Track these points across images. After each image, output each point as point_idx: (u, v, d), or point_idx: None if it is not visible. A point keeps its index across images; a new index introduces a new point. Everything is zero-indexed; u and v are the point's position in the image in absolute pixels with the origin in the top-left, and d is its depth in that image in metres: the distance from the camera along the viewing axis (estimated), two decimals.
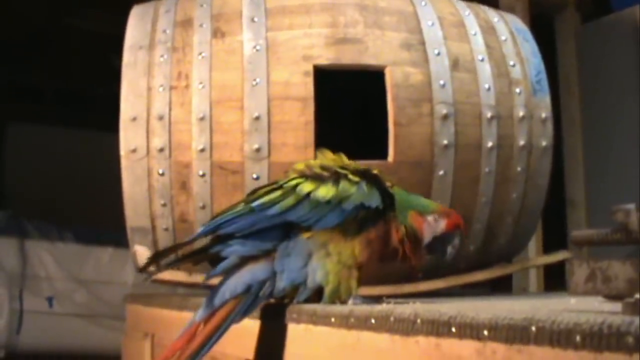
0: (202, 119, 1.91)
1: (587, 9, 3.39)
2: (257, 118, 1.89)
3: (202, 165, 1.91)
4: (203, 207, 1.94)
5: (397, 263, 1.46)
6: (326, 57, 1.94)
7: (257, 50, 1.93)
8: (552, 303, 1.28)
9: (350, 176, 1.40)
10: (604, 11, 3.28)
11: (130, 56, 2.00)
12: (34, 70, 5.58)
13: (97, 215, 4.14)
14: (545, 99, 2.12)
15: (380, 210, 1.40)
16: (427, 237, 1.43)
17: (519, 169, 2.07)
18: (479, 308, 1.02)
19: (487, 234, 2.11)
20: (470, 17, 2.14)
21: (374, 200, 1.41)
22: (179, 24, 2.02)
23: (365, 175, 1.42)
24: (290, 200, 1.35)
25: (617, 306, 0.87)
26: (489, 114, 2.02)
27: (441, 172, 1.97)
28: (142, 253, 2.11)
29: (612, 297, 0.93)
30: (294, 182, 1.38)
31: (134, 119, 1.94)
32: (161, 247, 2.05)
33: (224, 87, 1.92)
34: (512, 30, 2.19)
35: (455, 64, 2.02)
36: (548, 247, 3.20)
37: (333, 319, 1.18)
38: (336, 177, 1.39)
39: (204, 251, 1.35)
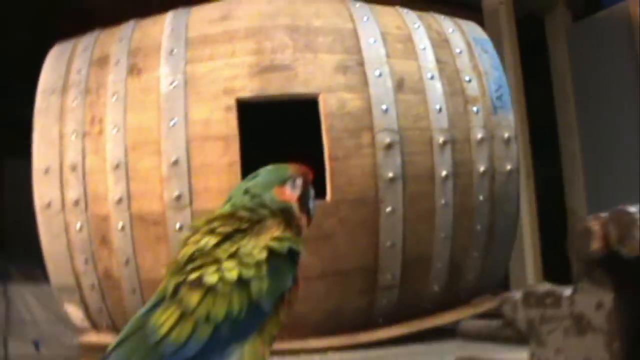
0: (117, 166, 1.73)
1: (577, 7, 3.14)
2: (176, 162, 1.70)
3: (120, 216, 1.73)
4: (127, 262, 1.77)
5: None
6: (250, 88, 1.74)
7: (174, 86, 1.74)
8: None
9: (256, 273, 1.18)
10: (594, 8, 3.03)
11: (42, 102, 1.84)
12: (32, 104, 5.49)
13: None
14: (508, 117, 1.90)
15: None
16: (296, 204, 1.25)
17: (480, 197, 1.85)
18: None
19: (451, 271, 1.89)
20: (419, 29, 1.93)
21: (291, 275, 1.23)
22: (94, 63, 1.85)
23: (269, 252, 1.21)
24: (205, 331, 1.14)
25: None
26: (441, 139, 1.80)
27: (388, 209, 1.75)
28: (75, 313, 1.95)
29: None
30: (196, 300, 1.16)
31: (47, 170, 1.78)
32: (91, 306, 1.89)
33: (140, 129, 1.74)
34: (468, 41, 1.97)
35: (399, 85, 1.81)
36: (549, 258, 2.96)
37: None
38: (242, 282, 1.17)
39: None
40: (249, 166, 1.72)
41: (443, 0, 3.64)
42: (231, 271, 1.17)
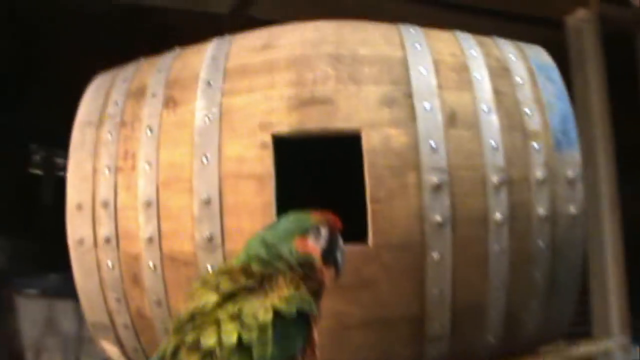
0: (148, 204, 1.65)
1: None
2: (207, 201, 1.61)
3: (151, 256, 1.66)
4: (159, 303, 1.69)
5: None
6: (287, 123, 1.63)
7: (209, 120, 1.66)
8: None
9: (259, 336, 1.08)
10: None
11: (78, 135, 1.79)
12: None
13: None
14: (573, 154, 1.71)
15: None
16: (319, 256, 1.21)
17: (540, 243, 1.67)
18: None
19: (508, 322, 1.72)
20: (476, 57, 1.77)
21: (300, 338, 1.12)
22: (131, 95, 1.79)
23: (275, 314, 1.11)
24: None
25: None
26: (495, 179, 1.64)
27: (436, 255, 1.60)
28: (111, 350, 1.89)
29: None
30: None
31: (79, 206, 1.72)
32: (126, 345, 1.82)
33: (172, 166, 1.66)
34: (531, 69, 1.79)
35: (451, 119, 1.66)
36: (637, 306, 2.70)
37: None
38: (243, 346, 1.08)
39: None
40: (284, 207, 1.61)
41: (523, 17, 3.44)
42: (230, 334, 1.08)
